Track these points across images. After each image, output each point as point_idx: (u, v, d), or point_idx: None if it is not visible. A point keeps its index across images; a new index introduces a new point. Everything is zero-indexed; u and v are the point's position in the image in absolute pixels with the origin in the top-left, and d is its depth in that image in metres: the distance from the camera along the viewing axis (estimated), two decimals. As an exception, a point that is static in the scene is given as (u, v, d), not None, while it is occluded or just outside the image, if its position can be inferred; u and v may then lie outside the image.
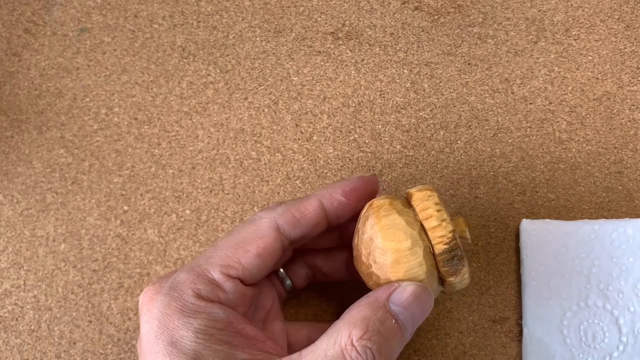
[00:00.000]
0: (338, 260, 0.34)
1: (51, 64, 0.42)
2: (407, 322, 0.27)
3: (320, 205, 0.30)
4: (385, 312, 0.27)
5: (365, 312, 0.27)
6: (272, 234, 0.29)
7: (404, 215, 0.28)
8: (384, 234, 0.28)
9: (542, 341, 0.34)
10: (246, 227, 0.30)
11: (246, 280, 0.29)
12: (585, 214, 0.37)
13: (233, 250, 0.29)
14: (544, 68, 0.40)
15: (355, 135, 0.40)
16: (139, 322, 0.28)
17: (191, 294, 0.27)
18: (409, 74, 0.41)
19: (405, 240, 0.27)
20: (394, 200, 0.29)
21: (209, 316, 0.27)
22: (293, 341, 0.32)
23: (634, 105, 0.39)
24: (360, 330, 0.26)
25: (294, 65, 0.41)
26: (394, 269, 0.28)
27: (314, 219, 0.30)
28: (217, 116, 0.40)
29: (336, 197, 0.30)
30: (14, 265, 0.38)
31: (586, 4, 0.41)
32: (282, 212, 0.30)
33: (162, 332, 0.26)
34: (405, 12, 0.42)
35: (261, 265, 0.29)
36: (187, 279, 0.28)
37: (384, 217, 0.28)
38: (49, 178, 0.39)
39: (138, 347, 0.29)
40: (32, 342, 0.36)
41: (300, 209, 0.30)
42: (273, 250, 0.29)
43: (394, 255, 0.27)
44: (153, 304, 0.28)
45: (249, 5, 0.43)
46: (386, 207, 0.29)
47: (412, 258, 0.27)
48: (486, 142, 0.39)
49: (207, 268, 0.28)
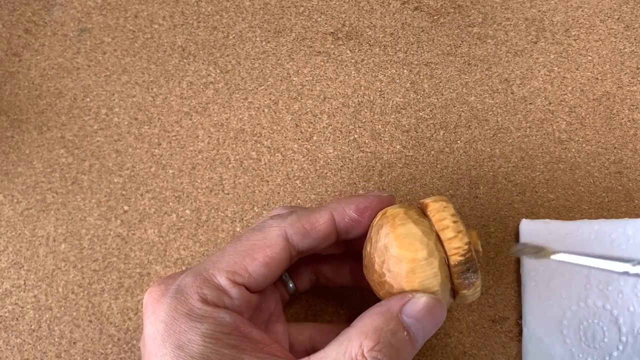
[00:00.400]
0: (343, 267, 0.34)
1: (51, 64, 0.42)
2: (418, 334, 0.27)
3: (332, 219, 0.30)
4: (398, 324, 0.27)
5: (378, 322, 0.27)
6: (280, 243, 0.29)
7: (420, 225, 0.28)
8: (400, 242, 0.27)
9: (542, 341, 0.34)
10: (255, 234, 0.30)
11: (252, 287, 0.29)
12: (585, 214, 0.37)
13: (240, 257, 0.29)
14: (543, 68, 0.40)
15: (355, 135, 0.40)
16: (143, 322, 0.28)
17: (197, 299, 0.27)
18: (409, 74, 0.41)
19: (422, 250, 0.27)
20: (409, 209, 0.29)
21: (215, 320, 0.27)
22: (295, 342, 0.32)
23: (633, 106, 0.39)
24: (371, 341, 0.26)
25: (294, 66, 0.41)
26: (408, 279, 0.27)
27: (324, 231, 0.30)
28: (217, 116, 0.40)
29: (348, 213, 0.30)
30: (14, 265, 0.38)
31: (586, 4, 0.41)
32: (293, 222, 0.30)
33: (169, 335, 0.26)
34: (405, 13, 0.42)
35: (267, 274, 0.29)
36: (194, 283, 0.28)
37: (399, 226, 0.28)
38: (49, 178, 0.39)
39: (142, 348, 0.28)
40: (32, 341, 0.36)
41: (310, 220, 0.30)
42: (280, 260, 0.29)
43: (410, 265, 0.27)
44: (159, 306, 0.28)
45: (249, 5, 0.43)
46: (402, 216, 0.28)
47: (427, 268, 0.27)
48: (486, 142, 0.39)
49: (213, 273, 0.28)
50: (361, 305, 0.37)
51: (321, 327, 0.33)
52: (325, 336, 0.33)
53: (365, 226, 0.30)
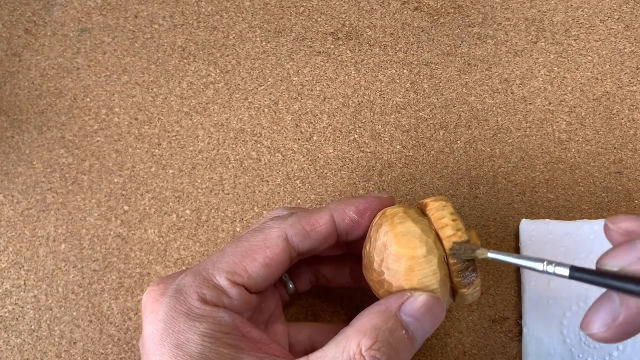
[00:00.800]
0: (343, 268, 0.34)
1: (51, 64, 0.42)
2: (417, 333, 0.27)
3: (332, 220, 0.30)
4: (396, 322, 0.27)
5: (376, 321, 0.27)
6: (280, 245, 0.29)
7: (419, 223, 0.28)
8: (399, 240, 0.27)
9: (542, 341, 0.34)
10: (255, 234, 0.30)
11: (251, 288, 0.29)
12: (585, 214, 0.37)
13: (240, 257, 0.29)
14: (543, 68, 0.40)
15: (355, 135, 0.40)
16: (142, 321, 0.28)
17: (196, 298, 0.27)
18: (409, 74, 0.41)
19: (421, 247, 0.27)
20: (408, 208, 0.29)
21: (214, 320, 0.27)
22: (294, 342, 0.32)
23: (633, 106, 0.39)
24: (369, 340, 0.26)
25: (294, 66, 0.41)
26: (407, 277, 0.27)
27: (324, 233, 0.30)
28: (217, 116, 0.40)
29: (348, 214, 0.30)
30: (14, 265, 0.38)
31: (586, 5, 0.41)
32: (293, 223, 0.30)
33: (167, 334, 0.26)
34: (405, 13, 0.42)
35: (267, 275, 0.29)
36: (193, 282, 0.28)
37: (398, 224, 0.28)
38: (49, 178, 0.39)
39: (141, 348, 0.29)
40: (32, 341, 0.36)
41: (311, 221, 0.30)
42: (280, 261, 0.29)
43: (409, 263, 0.27)
44: (158, 305, 0.28)
45: (249, 5, 0.43)
46: (401, 215, 0.28)
47: (426, 266, 0.27)
48: (486, 142, 0.39)
49: (213, 273, 0.28)
50: (361, 305, 0.37)
51: (320, 326, 0.33)
52: (325, 336, 0.33)
53: (365, 227, 0.30)
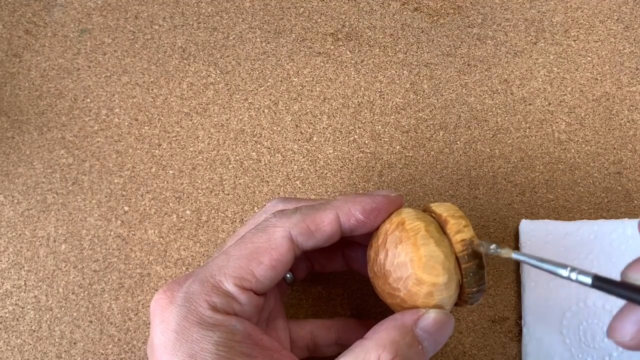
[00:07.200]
0: (335, 253, 0.34)
1: (52, 65, 0.42)
2: (430, 347, 0.28)
3: (337, 219, 0.30)
4: (413, 337, 0.27)
5: (394, 335, 0.27)
6: (285, 245, 0.29)
7: (441, 247, 0.28)
8: (422, 265, 0.28)
9: (542, 341, 0.34)
10: (259, 234, 0.29)
11: (259, 291, 0.29)
12: (585, 214, 0.37)
13: (246, 261, 0.28)
14: (543, 69, 0.40)
15: (355, 136, 0.40)
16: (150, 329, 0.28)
17: (207, 307, 0.27)
18: (409, 75, 0.41)
19: (443, 275, 0.28)
20: (429, 225, 0.29)
21: (227, 329, 0.27)
22: (296, 338, 0.32)
23: (632, 106, 0.39)
24: (389, 353, 0.26)
25: (294, 66, 0.41)
26: (425, 300, 0.28)
27: (329, 232, 0.30)
28: (218, 117, 0.40)
29: (354, 214, 0.30)
30: (14, 266, 0.38)
31: (585, 5, 0.42)
32: (297, 222, 0.29)
33: (180, 344, 0.26)
34: (405, 14, 0.42)
35: (273, 277, 0.29)
36: (202, 290, 0.28)
37: (422, 247, 0.28)
38: (49, 179, 0.39)
39: (150, 355, 0.28)
40: (32, 342, 0.36)
41: (315, 220, 0.29)
42: (286, 261, 0.29)
43: (430, 289, 0.28)
44: (168, 314, 0.28)
45: (249, 6, 0.43)
46: (423, 234, 0.28)
47: (445, 292, 0.28)
48: (485, 143, 0.39)
49: (220, 279, 0.28)
50: (361, 303, 0.37)
51: (322, 322, 0.34)
52: (326, 331, 0.33)
53: (371, 227, 0.30)
